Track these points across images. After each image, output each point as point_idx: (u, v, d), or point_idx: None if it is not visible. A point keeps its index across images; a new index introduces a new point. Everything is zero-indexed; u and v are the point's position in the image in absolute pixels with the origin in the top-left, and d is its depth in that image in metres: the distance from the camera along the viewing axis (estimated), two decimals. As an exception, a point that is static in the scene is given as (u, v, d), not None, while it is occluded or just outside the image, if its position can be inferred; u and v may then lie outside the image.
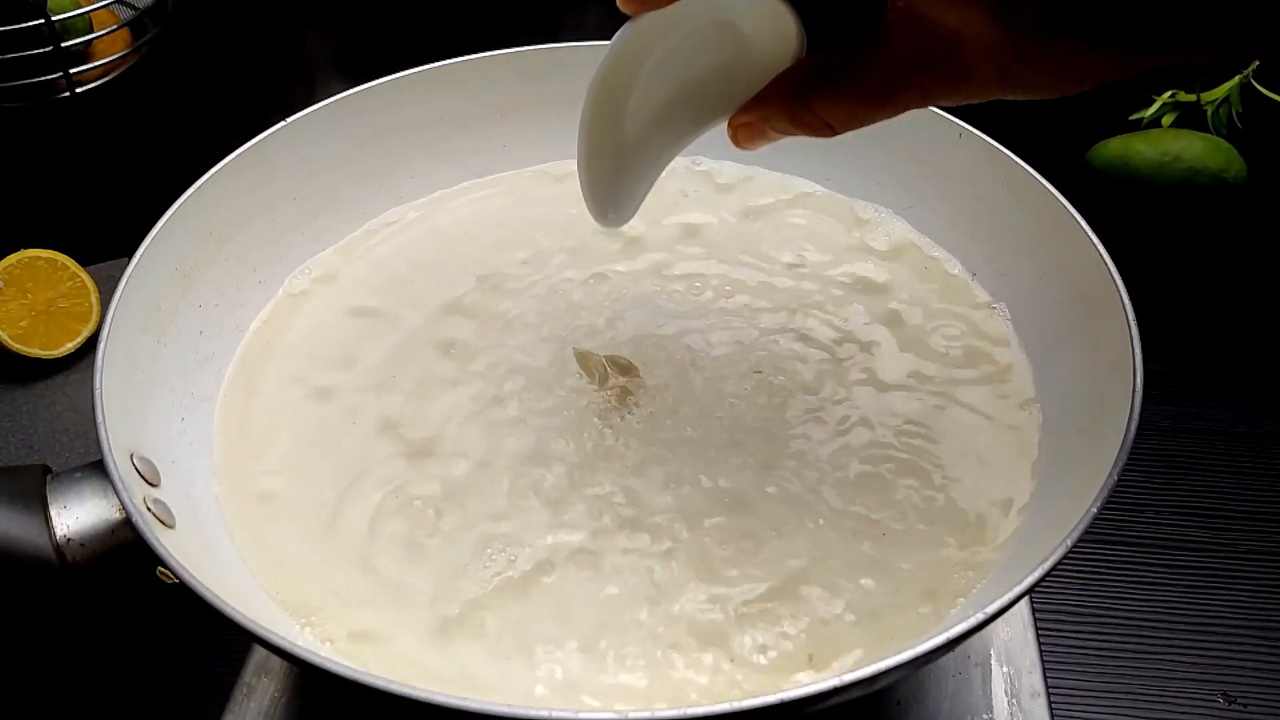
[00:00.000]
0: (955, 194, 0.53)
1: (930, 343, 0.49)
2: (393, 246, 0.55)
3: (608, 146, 0.43)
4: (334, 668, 0.32)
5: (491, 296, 0.52)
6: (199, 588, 0.34)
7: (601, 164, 0.43)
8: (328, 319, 0.51)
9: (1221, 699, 0.51)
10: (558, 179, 0.59)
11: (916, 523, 0.42)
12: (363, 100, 0.54)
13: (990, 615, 0.33)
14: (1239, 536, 0.58)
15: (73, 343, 0.64)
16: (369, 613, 0.40)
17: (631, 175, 0.44)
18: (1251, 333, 0.69)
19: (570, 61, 0.57)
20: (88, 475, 0.39)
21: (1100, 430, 0.40)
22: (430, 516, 0.43)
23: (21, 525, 0.38)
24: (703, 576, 0.40)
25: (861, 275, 0.53)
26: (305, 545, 0.42)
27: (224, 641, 0.52)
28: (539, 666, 0.38)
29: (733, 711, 0.30)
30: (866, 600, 0.40)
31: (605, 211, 0.45)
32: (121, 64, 0.77)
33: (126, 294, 0.43)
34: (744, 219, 0.56)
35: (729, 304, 0.51)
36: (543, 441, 0.45)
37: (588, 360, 0.47)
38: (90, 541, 0.38)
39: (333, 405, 0.47)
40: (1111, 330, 0.42)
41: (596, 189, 0.44)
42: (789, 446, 0.45)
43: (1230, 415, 0.64)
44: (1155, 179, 0.72)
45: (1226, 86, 0.77)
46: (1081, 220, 0.46)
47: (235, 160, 0.50)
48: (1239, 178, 0.72)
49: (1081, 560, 0.57)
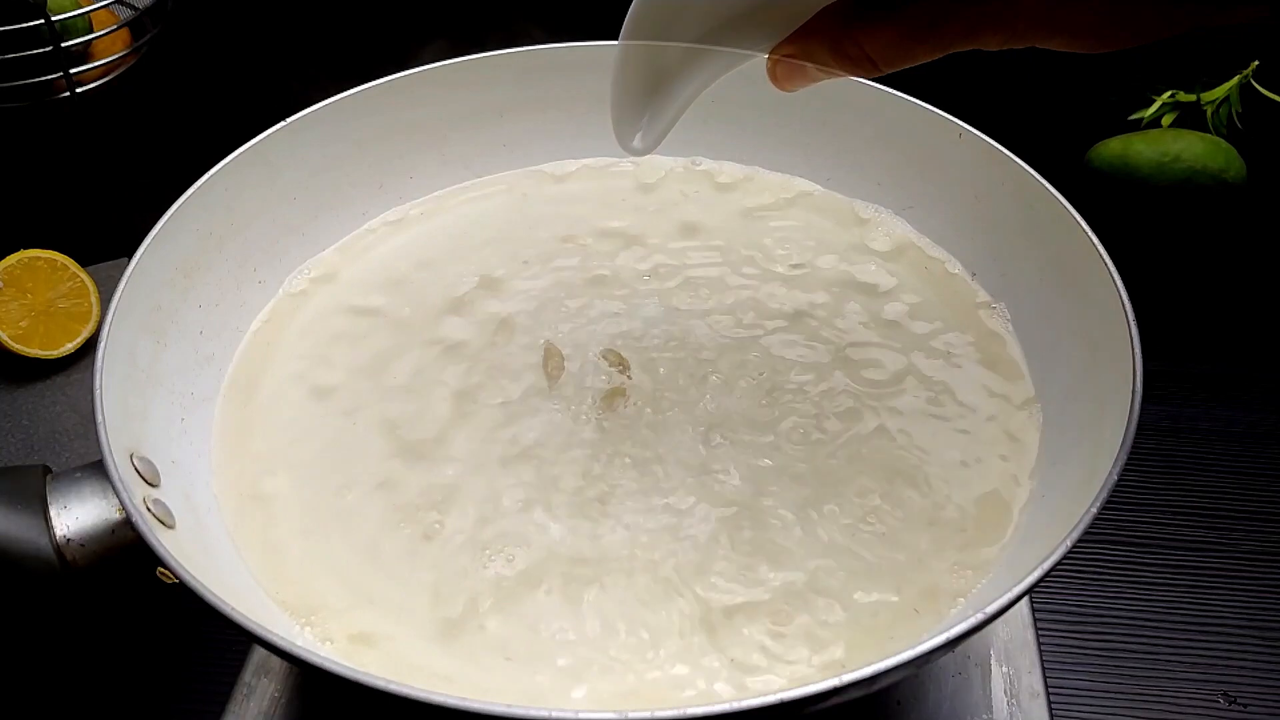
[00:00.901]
0: (955, 194, 0.53)
1: (930, 343, 0.49)
2: (393, 246, 0.55)
3: (642, 70, 0.42)
4: (334, 668, 0.32)
5: (491, 296, 0.52)
6: (199, 588, 0.34)
7: (634, 87, 0.43)
8: (328, 319, 0.51)
9: (1222, 699, 0.51)
10: (558, 179, 0.59)
11: (916, 522, 0.42)
12: (363, 100, 0.54)
13: (990, 615, 0.33)
14: (1239, 536, 0.58)
15: (73, 343, 0.64)
16: (369, 613, 0.40)
17: (663, 101, 0.44)
18: (1251, 332, 0.69)
19: (570, 61, 0.57)
20: (88, 475, 0.39)
21: (1100, 430, 0.40)
22: (430, 516, 0.43)
23: (21, 525, 0.38)
24: (703, 576, 0.40)
25: (861, 275, 0.53)
26: (305, 545, 0.42)
27: (224, 641, 0.52)
28: (539, 666, 0.38)
29: (733, 711, 0.30)
30: (866, 600, 0.40)
31: (631, 137, 0.44)
32: (121, 64, 0.77)
33: (126, 294, 0.43)
34: (744, 219, 0.56)
35: (729, 303, 0.51)
36: (542, 441, 0.45)
37: (555, 356, 0.47)
38: (90, 542, 0.38)
39: (333, 405, 0.47)
40: (1111, 330, 0.42)
41: (625, 113, 0.43)
42: (788, 446, 0.45)
43: (1230, 415, 0.64)
44: (1155, 179, 0.72)
45: (1226, 87, 0.77)
46: (1081, 220, 0.46)
47: (235, 160, 0.50)
48: (1239, 178, 0.72)
49: (1081, 560, 0.57)
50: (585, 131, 0.59)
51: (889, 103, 0.53)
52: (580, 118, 0.59)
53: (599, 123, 0.58)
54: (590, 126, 0.58)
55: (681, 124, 0.55)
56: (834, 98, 0.54)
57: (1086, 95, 0.78)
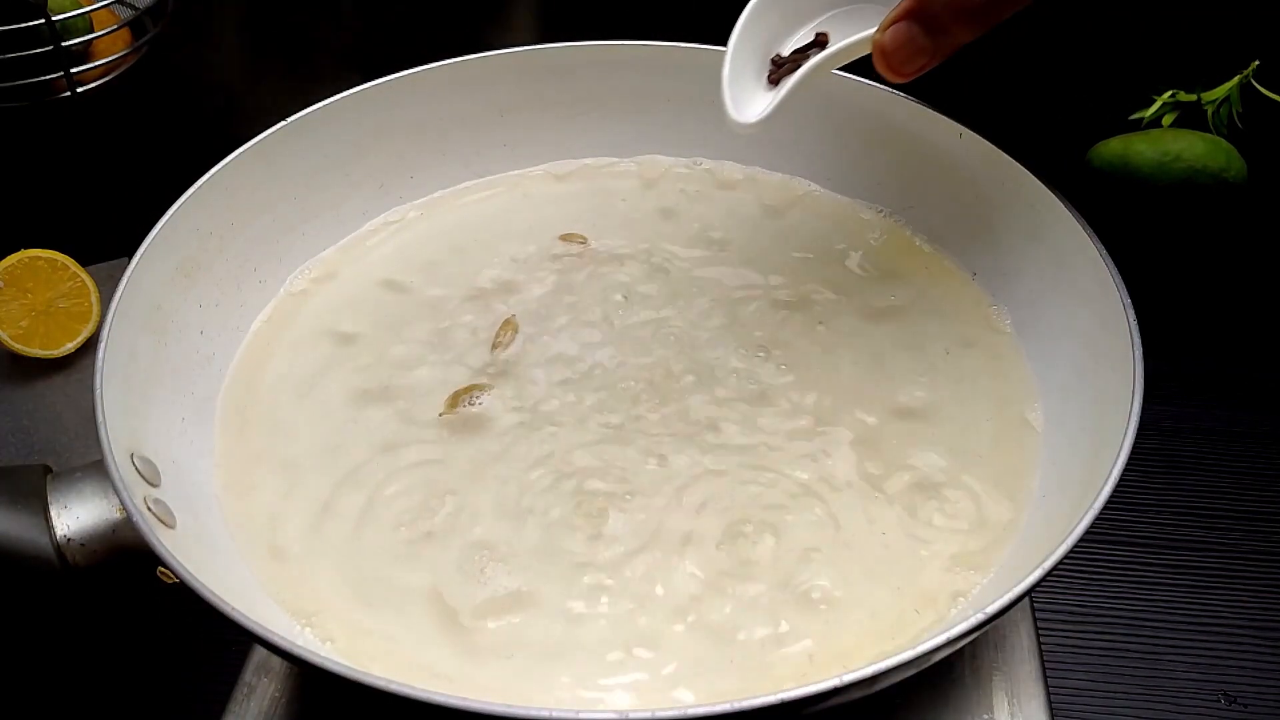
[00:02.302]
0: (955, 194, 0.53)
1: (930, 343, 0.49)
2: (393, 246, 0.55)
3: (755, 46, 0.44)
4: (334, 668, 0.32)
5: (492, 296, 0.52)
6: (199, 588, 0.34)
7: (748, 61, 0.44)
8: (328, 319, 0.51)
9: (1222, 699, 0.51)
10: (559, 179, 0.59)
11: (916, 522, 0.42)
12: (363, 100, 0.54)
13: (990, 615, 0.33)
14: (1239, 536, 0.58)
15: (73, 343, 0.64)
16: (369, 612, 0.40)
17: None
18: (1252, 332, 0.69)
19: (570, 61, 0.57)
20: (88, 475, 0.39)
21: (1100, 430, 0.40)
22: (431, 517, 0.43)
23: (22, 525, 0.38)
24: (703, 576, 0.40)
25: (861, 275, 0.53)
26: (306, 545, 0.42)
27: (224, 641, 0.52)
28: (540, 666, 0.38)
29: (733, 711, 0.30)
30: (867, 600, 0.40)
31: (741, 109, 0.44)
32: (121, 64, 0.77)
33: (126, 294, 0.43)
34: (744, 218, 0.56)
35: (728, 302, 0.51)
36: (546, 441, 0.45)
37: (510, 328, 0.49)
38: (90, 541, 0.38)
39: (333, 405, 0.47)
40: (1111, 330, 0.42)
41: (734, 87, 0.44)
42: (786, 445, 0.45)
43: (1230, 415, 0.64)
44: (1155, 179, 0.72)
45: (1227, 86, 0.77)
46: (1081, 220, 0.46)
47: (235, 160, 0.50)
48: (1239, 178, 0.72)
49: (1081, 560, 0.57)
50: (585, 131, 0.59)
51: (889, 103, 0.53)
52: (580, 118, 0.59)
53: (599, 123, 0.59)
54: (590, 126, 0.58)
55: (682, 123, 0.55)
56: (834, 98, 0.54)
57: (1086, 95, 0.78)
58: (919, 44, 0.40)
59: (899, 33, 0.40)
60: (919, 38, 0.40)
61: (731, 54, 0.44)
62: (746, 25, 0.44)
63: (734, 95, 0.44)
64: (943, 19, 0.39)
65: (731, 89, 0.44)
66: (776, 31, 0.45)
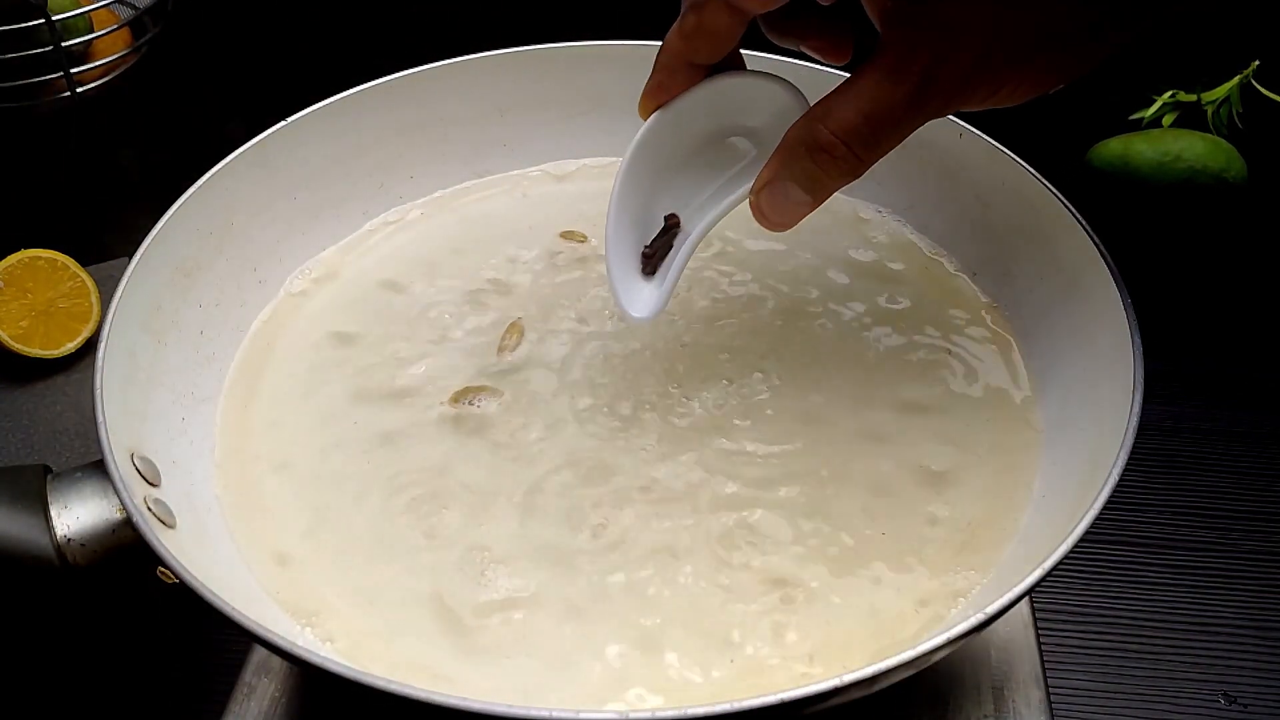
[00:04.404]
0: (955, 194, 0.53)
1: (930, 343, 0.49)
2: (393, 246, 0.55)
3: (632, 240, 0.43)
4: (334, 668, 0.32)
5: (492, 296, 0.52)
6: (199, 588, 0.34)
7: (628, 257, 0.43)
8: (328, 319, 0.51)
9: (1222, 699, 0.51)
10: (558, 178, 0.59)
11: (916, 522, 0.42)
12: (363, 100, 0.54)
13: (990, 615, 0.33)
14: (1239, 536, 0.58)
15: (73, 343, 0.64)
16: (369, 612, 0.40)
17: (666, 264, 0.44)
18: (1252, 332, 0.69)
19: (570, 61, 0.57)
20: (88, 475, 0.39)
21: (1100, 430, 0.40)
22: (432, 517, 0.43)
23: (21, 525, 0.38)
24: (703, 576, 0.40)
25: (861, 275, 0.53)
26: (306, 545, 0.42)
27: (224, 641, 0.52)
28: (540, 666, 0.38)
29: (732, 711, 0.30)
30: (867, 600, 0.40)
31: (632, 304, 0.43)
32: (121, 64, 0.77)
33: (126, 294, 0.43)
34: (744, 218, 0.56)
35: (728, 303, 0.51)
36: (548, 442, 0.45)
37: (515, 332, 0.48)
38: (90, 541, 0.38)
39: (334, 405, 0.47)
40: (1111, 330, 0.42)
41: (624, 284, 0.43)
42: (787, 445, 0.45)
43: (1230, 415, 0.64)
44: (1155, 179, 0.72)
45: (1227, 86, 0.77)
46: (1081, 220, 0.46)
47: (235, 160, 0.50)
48: (1239, 178, 0.72)
49: (1081, 560, 0.57)
50: (585, 131, 0.59)
51: (889, 103, 0.53)
52: (580, 118, 0.59)
53: (599, 123, 0.59)
54: (590, 126, 0.58)
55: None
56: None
57: (1086, 95, 0.78)
58: (797, 199, 0.39)
59: (775, 194, 0.39)
60: (795, 193, 0.39)
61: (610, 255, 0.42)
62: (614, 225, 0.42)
63: (624, 291, 0.43)
64: (816, 173, 0.38)
65: (620, 286, 0.43)
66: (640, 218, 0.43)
